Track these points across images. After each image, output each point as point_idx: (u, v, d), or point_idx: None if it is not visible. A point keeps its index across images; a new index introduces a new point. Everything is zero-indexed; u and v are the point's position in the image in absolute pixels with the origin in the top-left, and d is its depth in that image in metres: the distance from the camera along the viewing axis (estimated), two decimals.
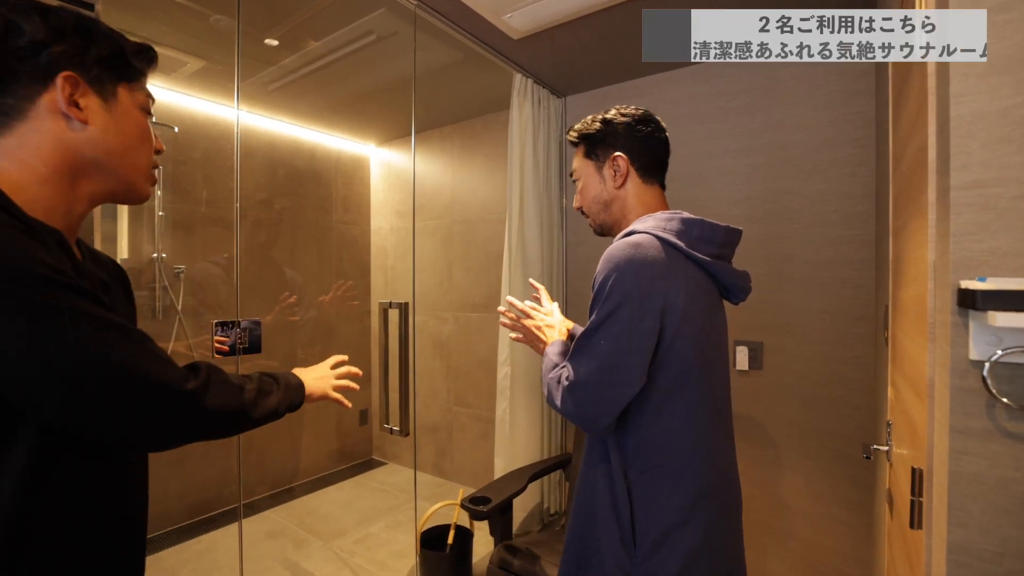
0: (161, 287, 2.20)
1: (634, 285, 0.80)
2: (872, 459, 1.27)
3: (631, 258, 0.81)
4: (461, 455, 2.85)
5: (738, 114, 1.91)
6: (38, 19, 0.55)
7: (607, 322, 0.81)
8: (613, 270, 0.81)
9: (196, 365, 0.62)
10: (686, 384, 0.85)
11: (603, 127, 0.96)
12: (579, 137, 0.99)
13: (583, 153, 0.99)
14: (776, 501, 1.86)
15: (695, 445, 0.86)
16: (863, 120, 1.68)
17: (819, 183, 1.77)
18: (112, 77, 0.61)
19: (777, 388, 1.86)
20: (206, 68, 2.07)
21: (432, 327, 2.97)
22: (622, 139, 0.95)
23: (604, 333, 0.81)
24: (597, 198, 0.98)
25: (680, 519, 0.83)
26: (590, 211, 1.00)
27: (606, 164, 0.96)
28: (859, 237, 1.70)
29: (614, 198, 0.97)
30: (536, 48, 1.91)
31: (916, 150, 0.82)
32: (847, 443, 1.72)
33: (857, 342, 1.70)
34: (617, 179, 0.95)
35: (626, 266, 0.81)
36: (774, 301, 1.86)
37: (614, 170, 0.95)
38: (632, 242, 0.83)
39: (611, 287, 0.81)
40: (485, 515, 1.71)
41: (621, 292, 0.80)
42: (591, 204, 0.99)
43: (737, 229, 0.96)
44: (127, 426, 0.54)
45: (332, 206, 3.02)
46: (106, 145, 0.60)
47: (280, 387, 0.75)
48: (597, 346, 0.81)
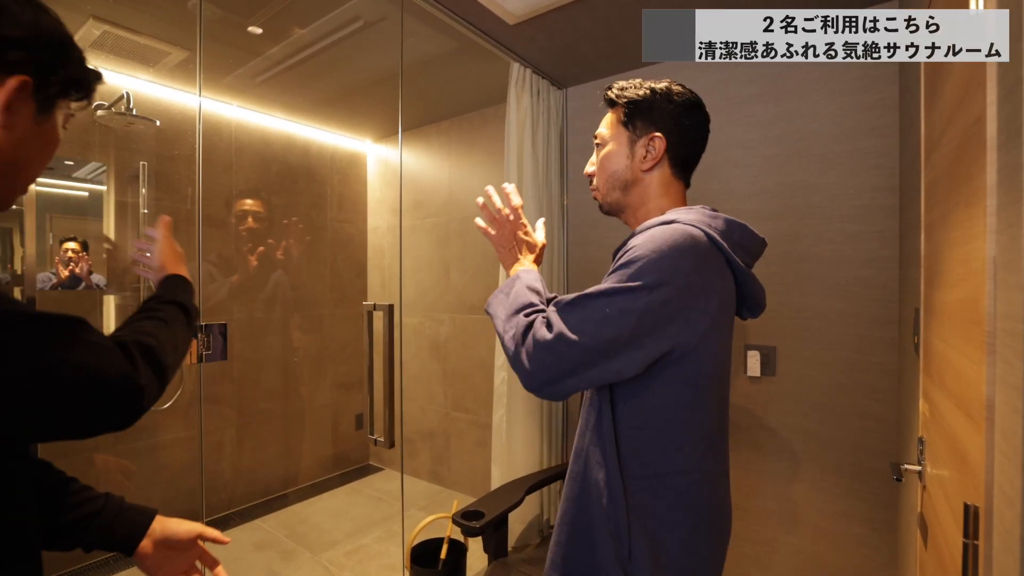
0: (145, 287, 2.12)
1: (675, 271, 0.69)
2: (901, 473, 1.15)
3: (680, 245, 0.71)
4: (459, 462, 2.74)
5: (750, 103, 1.79)
6: (30, 16, 0.52)
7: (626, 294, 0.69)
8: (655, 250, 0.70)
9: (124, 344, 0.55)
10: (701, 397, 0.77)
11: (652, 96, 0.85)
12: (621, 99, 0.86)
13: (619, 118, 0.87)
14: (791, 517, 1.73)
15: (700, 462, 0.77)
16: (886, 106, 1.55)
17: (838, 175, 1.64)
18: (60, 94, 0.57)
19: (792, 396, 1.73)
20: (190, 59, 1.99)
21: (429, 329, 2.87)
22: (669, 120, 0.84)
23: (618, 303, 0.69)
24: (617, 174, 0.87)
25: (681, 537, 0.75)
26: (603, 184, 0.89)
27: (641, 140, 0.85)
28: (883, 233, 1.56)
29: (637, 180, 0.86)
30: (534, 35, 1.80)
31: (965, 127, 0.70)
32: (870, 457, 1.59)
33: (881, 347, 1.57)
34: (648, 160, 0.84)
35: (671, 251, 0.70)
36: (789, 303, 1.73)
37: (647, 150, 0.84)
38: (683, 230, 0.73)
39: (646, 264, 0.69)
40: (477, 531, 1.60)
41: (656, 272, 0.69)
42: (608, 177, 0.88)
43: (765, 240, 0.89)
44: (67, 429, 0.50)
45: (327, 204, 2.93)
46: (14, 155, 0.54)
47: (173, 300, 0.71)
48: (602, 312, 0.69)
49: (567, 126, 2.28)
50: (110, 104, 1.95)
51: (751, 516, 1.81)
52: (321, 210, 2.90)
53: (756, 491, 1.80)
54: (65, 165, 2.12)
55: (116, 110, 1.91)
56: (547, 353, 0.70)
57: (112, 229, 2.14)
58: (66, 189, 2.08)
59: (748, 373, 1.79)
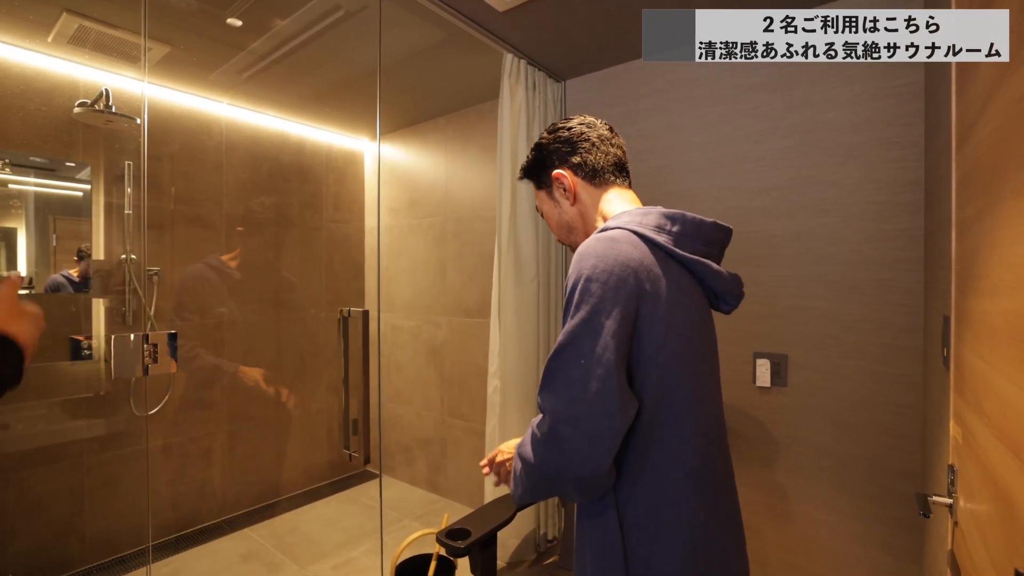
0: (130, 290, 2.06)
1: (609, 285, 0.68)
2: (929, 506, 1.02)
3: (603, 253, 0.71)
4: (455, 471, 2.65)
5: (758, 92, 1.66)
6: None
7: (582, 334, 0.68)
8: (583, 268, 0.70)
9: None
10: (676, 409, 0.73)
11: (536, 154, 0.92)
12: (524, 174, 0.95)
13: (535, 187, 0.95)
14: (804, 540, 1.60)
15: (687, 482, 0.73)
16: (911, 92, 1.41)
17: (857, 169, 1.50)
18: None
19: (805, 408, 1.60)
20: (172, 55, 1.92)
21: (426, 333, 2.77)
22: (556, 157, 0.89)
23: (580, 348, 0.67)
24: (560, 223, 0.91)
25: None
26: (563, 236, 0.93)
27: (554, 187, 0.90)
28: (907, 232, 1.43)
29: (574, 215, 0.89)
30: (527, 24, 1.69)
31: (1009, 105, 0.58)
32: (891, 477, 1.45)
33: (904, 358, 1.43)
34: (568, 196, 0.88)
35: (598, 262, 0.70)
36: (802, 308, 1.60)
37: (562, 188, 0.89)
38: (605, 236, 0.74)
39: (582, 289, 0.69)
40: (462, 552, 1.50)
41: (595, 295, 0.68)
42: (558, 231, 0.93)
43: (726, 227, 0.84)
44: None
45: (322, 203, 2.85)
46: None
47: None
48: (575, 366, 0.67)
49: None
50: (92, 102, 1.89)
51: (760, 536, 1.68)
52: (316, 210, 2.82)
53: (765, 509, 1.67)
54: (67, 167, 2.07)
55: (96, 108, 1.84)
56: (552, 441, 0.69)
57: (101, 230, 2.09)
58: (64, 190, 2.03)
59: (757, 383, 1.67)
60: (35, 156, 1.94)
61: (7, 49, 1.80)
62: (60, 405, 1.97)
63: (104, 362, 2.02)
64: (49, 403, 1.94)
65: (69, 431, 1.97)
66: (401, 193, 2.92)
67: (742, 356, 1.71)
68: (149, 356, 1.09)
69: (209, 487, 2.38)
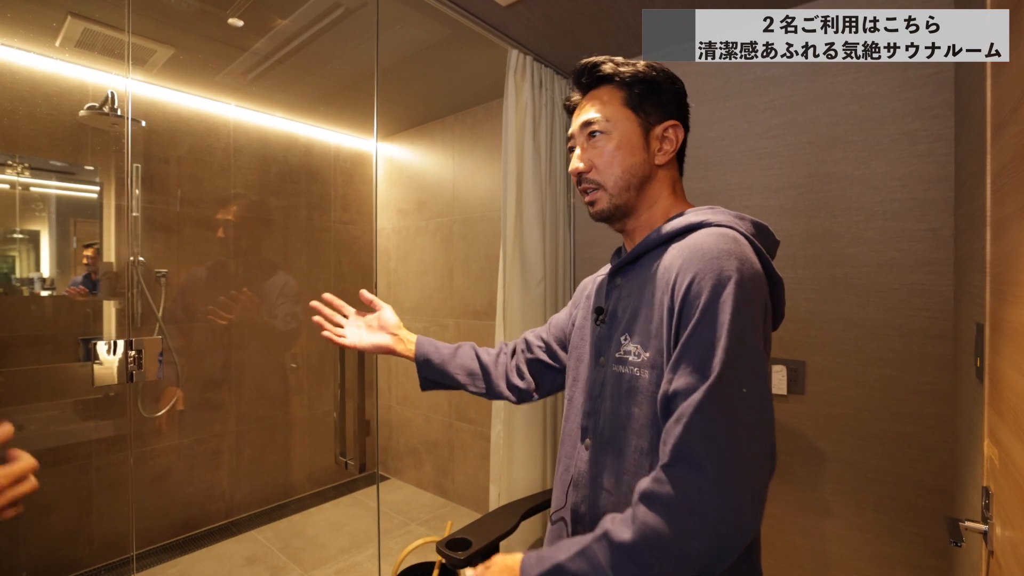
0: (138, 291, 2.07)
1: (756, 298, 0.58)
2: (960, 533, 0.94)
3: (745, 258, 0.59)
4: (462, 475, 2.61)
5: (776, 84, 1.58)
6: None
7: (743, 357, 0.54)
8: (728, 272, 0.57)
9: None
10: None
11: (658, 76, 0.74)
12: (623, 75, 0.73)
13: (623, 100, 0.73)
14: (820, 557, 1.52)
15: None
16: (940, 82, 1.32)
17: (881, 164, 1.41)
18: None
19: (824, 418, 1.51)
20: (176, 57, 1.92)
21: (433, 334, 2.74)
22: (677, 106, 0.76)
23: (743, 377, 0.53)
24: (634, 169, 0.72)
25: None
26: (614, 182, 0.72)
27: (656, 129, 0.73)
28: (935, 232, 1.34)
29: (654, 176, 0.74)
30: (531, 18, 1.64)
31: None
32: (918, 492, 1.36)
33: (931, 366, 1.34)
34: (665, 154, 0.73)
35: (744, 268, 0.58)
36: (821, 312, 1.51)
37: (660, 142, 0.73)
38: (733, 237, 0.62)
39: (731, 298, 0.55)
40: (462, 563, 1.46)
41: (749, 309, 0.56)
42: (623, 174, 0.72)
43: (779, 241, 0.77)
44: None
45: (330, 205, 2.84)
46: None
47: None
48: (741, 400, 0.53)
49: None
50: (99, 105, 1.90)
51: (775, 551, 1.60)
52: (324, 211, 2.81)
53: (782, 523, 1.59)
54: (86, 171, 2.10)
55: (102, 111, 1.85)
56: (733, 509, 0.51)
57: (112, 232, 2.11)
58: (83, 193, 2.05)
59: (773, 390, 1.58)
60: (54, 160, 1.96)
61: (17, 54, 1.82)
62: (71, 406, 1.98)
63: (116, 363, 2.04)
64: (60, 404, 1.96)
65: (78, 432, 1.98)
66: (409, 194, 2.89)
67: None
68: (133, 363, 1.07)
69: (217, 489, 2.39)
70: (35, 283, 1.92)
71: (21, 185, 1.90)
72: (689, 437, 0.51)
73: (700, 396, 0.52)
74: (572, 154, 0.77)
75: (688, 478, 0.51)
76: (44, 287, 1.93)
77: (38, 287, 1.92)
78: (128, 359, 1.08)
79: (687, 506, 0.50)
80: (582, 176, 0.75)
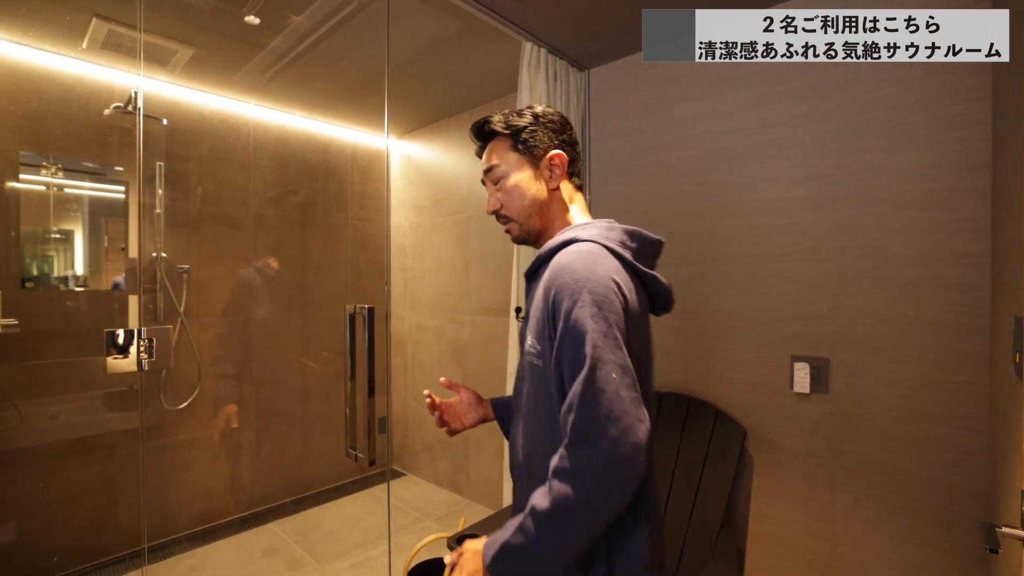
0: (161, 287, 2.12)
1: (608, 299, 0.71)
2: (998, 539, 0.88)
3: (595, 267, 0.73)
4: (477, 473, 2.60)
5: (800, 71, 1.52)
6: None
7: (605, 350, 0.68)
8: (583, 284, 0.72)
9: None
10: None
11: (535, 121, 0.87)
12: (507, 128, 0.87)
13: (510, 147, 0.88)
14: (848, 564, 1.45)
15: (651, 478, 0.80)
16: (975, 64, 1.24)
17: (912, 152, 1.34)
18: None
19: (850, 418, 1.45)
20: (198, 57, 1.95)
21: (449, 332, 2.74)
22: (555, 137, 0.88)
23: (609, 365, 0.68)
24: (533, 201, 0.86)
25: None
26: (520, 214, 0.87)
27: (542, 161, 0.87)
28: (971, 223, 1.26)
29: (551, 199, 0.88)
30: (545, 9, 1.62)
31: None
32: (952, 498, 1.29)
33: (967, 364, 1.27)
34: (554, 180, 0.87)
35: (597, 278, 0.72)
36: (846, 307, 1.45)
37: (550, 170, 0.87)
38: (588, 251, 0.76)
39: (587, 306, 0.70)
40: None
41: (601, 312, 0.70)
42: (527, 207, 0.86)
43: (662, 240, 0.88)
44: None
45: (347, 202, 2.87)
46: None
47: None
48: (609, 383, 0.68)
49: (590, 112, 2.08)
50: (124, 104, 1.95)
51: (799, 556, 1.54)
52: (341, 208, 2.84)
53: (803, 528, 1.53)
54: (115, 171, 2.16)
55: (127, 110, 1.90)
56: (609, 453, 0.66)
57: (136, 230, 2.16)
58: (112, 193, 2.12)
59: (795, 389, 1.53)
60: (86, 161, 2.03)
61: (47, 57, 1.88)
62: (99, 398, 2.05)
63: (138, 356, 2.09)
64: (89, 395, 2.02)
65: (104, 423, 2.04)
66: (425, 191, 2.90)
67: (778, 359, 1.57)
68: (145, 352, 1.09)
69: (237, 481, 2.43)
70: (69, 280, 1.99)
71: (55, 186, 1.96)
72: (578, 419, 0.67)
73: (580, 387, 0.67)
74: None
75: (583, 451, 0.66)
76: (77, 284, 2.00)
77: (72, 284, 1.99)
78: (139, 348, 1.10)
79: (586, 473, 0.65)
80: (497, 213, 0.90)
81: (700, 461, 1.62)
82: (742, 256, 1.65)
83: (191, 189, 2.26)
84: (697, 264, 1.75)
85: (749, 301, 1.64)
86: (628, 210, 1.94)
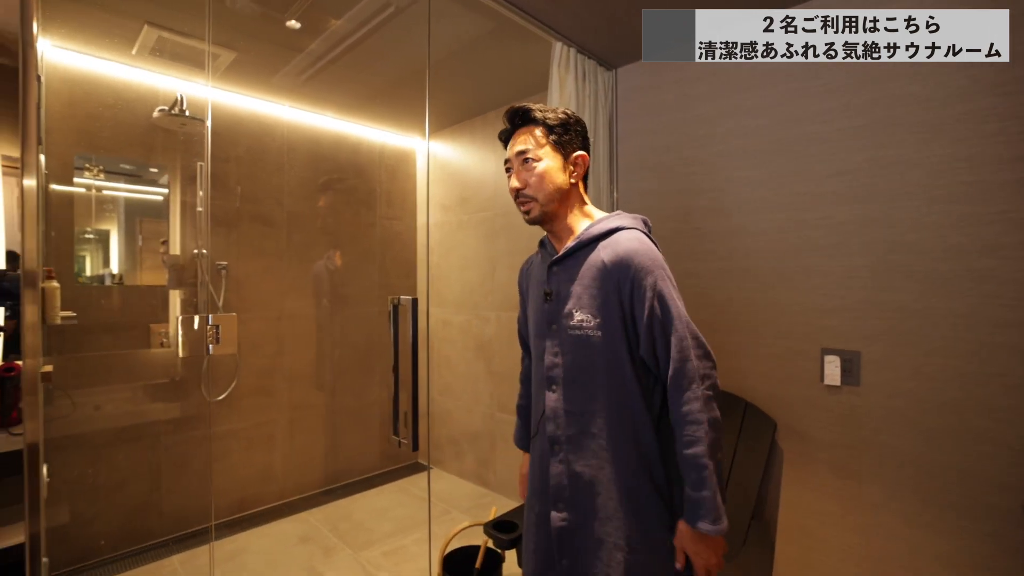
0: (202, 283, 2.21)
1: (670, 275, 0.93)
2: None
3: (654, 251, 0.94)
4: (503, 466, 2.64)
5: (831, 68, 1.53)
6: None
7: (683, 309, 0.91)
8: (658, 263, 0.92)
9: None
10: None
11: (573, 122, 0.99)
12: (547, 119, 0.98)
13: (545, 136, 0.98)
14: (881, 556, 1.46)
15: None
16: (1015, 55, 1.25)
17: (945, 146, 1.35)
18: None
19: (882, 410, 1.46)
20: (239, 60, 2.04)
21: (475, 328, 2.79)
22: (582, 141, 1.01)
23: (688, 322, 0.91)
24: (560, 188, 0.98)
25: None
26: (544, 196, 0.97)
27: (570, 157, 0.99)
28: (1006, 215, 1.27)
29: (570, 192, 1.00)
30: (576, 9, 1.66)
31: None
32: (988, 489, 1.30)
33: (1002, 356, 1.28)
34: (575, 177, 0.99)
35: (660, 259, 0.93)
36: (877, 300, 1.46)
37: (573, 167, 0.99)
38: (642, 239, 0.94)
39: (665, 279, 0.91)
40: (509, 544, 1.49)
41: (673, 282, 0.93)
42: (552, 191, 0.97)
43: None
44: None
45: (376, 201, 2.94)
46: None
47: None
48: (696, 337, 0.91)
49: (617, 110, 2.11)
50: (170, 107, 2.05)
51: (830, 548, 1.55)
52: (370, 207, 2.91)
53: (834, 520, 1.54)
54: (151, 172, 2.27)
55: (172, 112, 1.99)
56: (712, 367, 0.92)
57: (177, 229, 2.25)
58: (147, 194, 2.22)
59: (825, 381, 1.54)
60: (124, 163, 2.13)
61: (101, 64, 1.98)
62: (143, 388, 2.14)
63: (179, 349, 2.18)
64: (132, 387, 2.12)
65: (148, 412, 2.14)
66: (451, 190, 2.95)
67: (809, 352, 1.59)
68: (212, 337, 1.15)
69: (271, 471, 2.51)
70: (105, 279, 2.09)
71: (96, 188, 2.06)
72: (694, 361, 0.88)
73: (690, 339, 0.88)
74: (509, 175, 1.00)
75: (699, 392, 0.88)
76: (113, 282, 2.10)
77: (108, 282, 2.09)
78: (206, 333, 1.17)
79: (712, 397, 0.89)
80: (519, 192, 0.98)
81: (730, 454, 1.64)
82: (770, 251, 1.67)
83: (230, 188, 2.34)
84: (726, 259, 1.77)
85: (778, 295, 1.66)
86: (655, 206, 1.96)
